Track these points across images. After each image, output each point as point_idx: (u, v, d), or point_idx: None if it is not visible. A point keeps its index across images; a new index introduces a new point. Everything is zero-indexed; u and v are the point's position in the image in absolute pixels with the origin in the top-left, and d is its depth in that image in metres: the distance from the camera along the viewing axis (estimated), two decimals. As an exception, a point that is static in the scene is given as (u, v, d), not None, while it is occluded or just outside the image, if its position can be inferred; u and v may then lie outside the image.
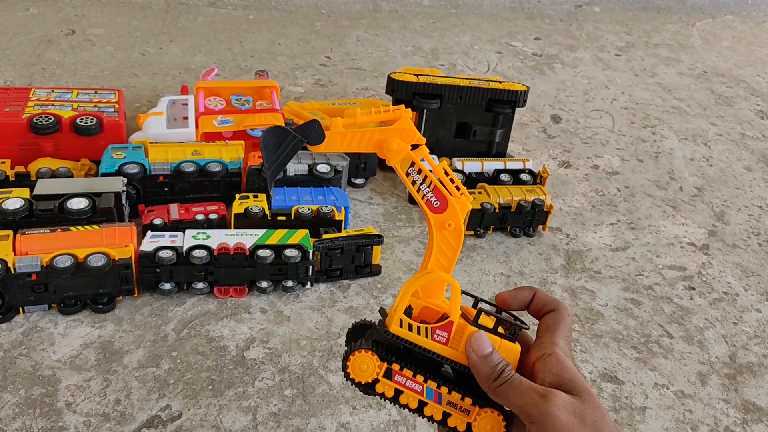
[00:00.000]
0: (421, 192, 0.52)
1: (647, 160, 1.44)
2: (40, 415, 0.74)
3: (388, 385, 0.53)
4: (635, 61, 1.97)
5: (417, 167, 0.52)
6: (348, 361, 0.53)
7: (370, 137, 0.52)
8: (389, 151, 0.51)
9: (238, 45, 1.74)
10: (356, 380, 0.54)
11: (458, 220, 0.52)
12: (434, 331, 0.52)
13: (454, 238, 0.52)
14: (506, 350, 0.52)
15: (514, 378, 0.50)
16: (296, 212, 1.00)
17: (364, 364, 0.53)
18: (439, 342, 0.52)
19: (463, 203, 0.52)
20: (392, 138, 0.51)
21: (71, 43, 1.65)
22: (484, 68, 1.79)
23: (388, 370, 0.53)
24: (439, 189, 0.52)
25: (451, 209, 0.52)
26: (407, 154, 0.52)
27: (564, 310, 0.55)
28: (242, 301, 0.93)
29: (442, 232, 0.52)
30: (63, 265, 0.83)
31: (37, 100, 1.14)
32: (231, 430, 0.75)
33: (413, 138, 0.52)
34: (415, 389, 0.53)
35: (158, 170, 1.03)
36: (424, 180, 0.52)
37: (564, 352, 0.52)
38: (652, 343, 0.94)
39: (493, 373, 0.51)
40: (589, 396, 0.48)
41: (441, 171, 0.52)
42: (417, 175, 0.52)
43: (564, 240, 1.14)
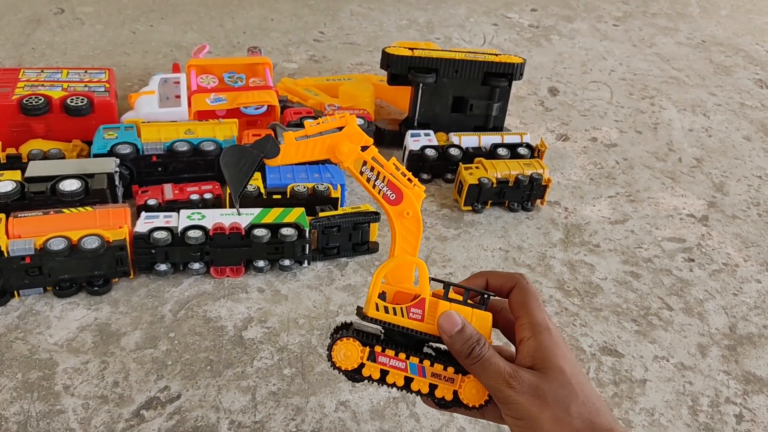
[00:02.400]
0: (377, 188, 0.55)
1: (646, 131, 1.43)
2: (38, 398, 0.74)
3: (373, 368, 0.57)
4: (633, 32, 1.95)
5: (369, 165, 0.55)
6: (332, 351, 0.57)
7: (322, 144, 0.55)
8: (341, 154, 0.54)
9: (230, 21, 1.72)
10: (342, 368, 0.57)
11: (415, 208, 0.55)
12: (409, 310, 0.56)
13: (414, 225, 0.56)
14: (479, 318, 0.56)
15: (484, 359, 0.53)
16: (292, 190, 0.99)
17: (348, 351, 0.56)
18: (415, 319, 0.56)
19: (417, 193, 0.56)
20: (342, 142, 0.54)
21: (60, 22, 1.62)
22: (480, 41, 1.77)
23: (371, 353, 0.57)
24: (392, 182, 0.55)
25: (406, 199, 0.55)
26: (358, 154, 0.55)
27: (523, 282, 0.57)
28: (239, 280, 0.92)
29: (402, 220, 0.56)
30: (57, 247, 0.82)
31: (27, 80, 1.12)
32: (230, 410, 0.75)
33: (361, 140, 0.55)
34: (399, 367, 0.57)
35: (151, 150, 1.02)
36: (377, 176, 0.55)
37: (540, 325, 0.54)
38: (652, 315, 0.94)
39: (464, 351, 0.53)
40: (558, 373, 0.50)
41: (392, 167, 0.56)
42: (370, 173, 0.55)
43: (562, 214, 1.13)
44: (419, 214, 0.55)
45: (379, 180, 0.55)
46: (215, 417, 0.74)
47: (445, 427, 0.75)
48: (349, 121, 0.55)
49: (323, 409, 0.76)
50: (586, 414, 0.49)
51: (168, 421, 0.73)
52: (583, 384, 0.51)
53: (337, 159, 0.55)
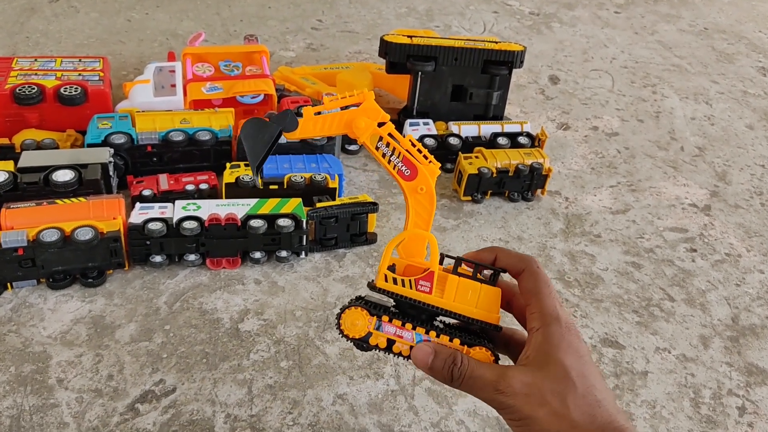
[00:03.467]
0: (392, 163, 0.56)
1: (647, 120, 1.41)
2: (31, 392, 0.73)
3: (380, 337, 0.58)
4: (635, 19, 1.93)
5: (385, 141, 0.56)
6: (340, 319, 0.58)
7: (340, 119, 0.56)
8: (358, 129, 0.55)
9: (226, 9, 1.70)
10: (350, 336, 0.58)
11: (429, 184, 0.56)
12: (417, 283, 0.56)
13: (428, 201, 0.56)
14: (487, 294, 0.57)
15: (466, 377, 0.53)
16: (289, 180, 0.98)
17: (356, 319, 0.58)
18: (423, 292, 0.57)
19: (431, 169, 0.57)
20: (360, 117, 0.55)
21: (55, 10, 1.60)
22: (480, 29, 1.75)
23: (378, 322, 0.57)
24: (408, 158, 0.56)
25: (421, 175, 0.56)
26: (375, 130, 0.56)
27: (534, 267, 0.56)
28: (235, 272, 0.91)
29: (416, 196, 0.56)
30: (50, 239, 0.81)
31: (20, 69, 1.11)
32: (226, 403, 0.74)
33: (378, 116, 0.56)
34: (406, 337, 0.57)
35: (146, 140, 1.00)
36: (393, 152, 0.56)
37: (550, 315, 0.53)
38: (654, 306, 0.93)
39: (446, 377, 0.54)
40: (556, 368, 0.50)
41: (408, 143, 0.57)
42: (386, 148, 0.56)
43: (563, 204, 1.12)
44: (433, 190, 0.56)
45: (394, 156, 0.56)
46: (211, 410, 0.73)
47: (443, 420, 0.74)
48: (367, 97, 0.56)
49: (320, 402, 0.75)
50: (586, 407, 0.48)
51: (163, 414, 0.72)
52: (586, 376, 0.50)
53: (354, 134, 0.56)
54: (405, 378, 0.78)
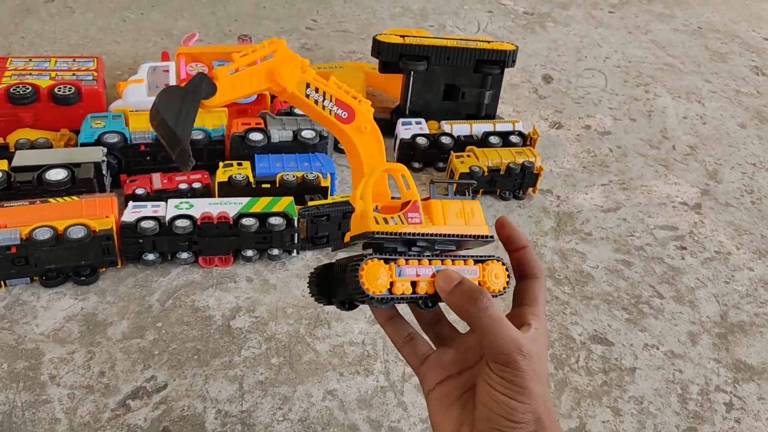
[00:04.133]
0: (327, 108, 0.53)
1: (640, 119, 1.42)
2: (24, 388, 0.73)
3: (403, 282, 0.51)
4: (629, 18, 1.94)
5: (314, 86, 0.53)
6: (361, 278, 0.49)
7: (259, 73, 0.52)
8: (282, 79, 0.51)
9: (221, 9, 1.70)
10: (377, 293, 0.50)
11: (371, 121, 0.54)
12: (406, 216, 0.52)
13: (374, 139, 0.54)
14: (471, 208, 0.54)
15: (494, 316, 0.49)
16: (281, 179, 0.98)
17: (377, 271, 0.50)
18: (415, 223, 0.52)
19: (366, 107, 0.55)
20: (281, 66, 0.51)
21: (50, 10, 1.61)
22: (474, 28, 1.76)
23: (398, 268, 0.51)
24: (341, 100, 0.53)
25: (359, 114, 0.54)
26: (300, 76, 0.52)
27: (545, 279, 0.56)
28: (227, 270, 0.92)
29: (361, 137, 0.54)
30: (42, 237, 0.82)
31: (14, 69, 1.12)
32: (217, 399, 0.74)
33: (298, 62, 0.52)
34: (426, 274, 0.51)
35: (139, 139, 1.01)
36: (324, 96, 0.53)
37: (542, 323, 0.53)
38: (643, 304, 0.94)
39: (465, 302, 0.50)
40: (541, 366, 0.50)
41: (332, 86, 0.54)
42: (317, 94, 0.53)
43: (554, 202, 1.12)
44: (376, 126, 0.54)
45: (327, 100, 0.53)
46: (202, 406, 0.73)
47: (432, 416, 0.75)
48: (280, 46, 0.52)
49: (311, 398, 0.75)
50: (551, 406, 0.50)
51: (154, 410, 0.72)
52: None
53: (279, 86, 0.52)
54: (394, 374, 0.79)
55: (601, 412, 0.78)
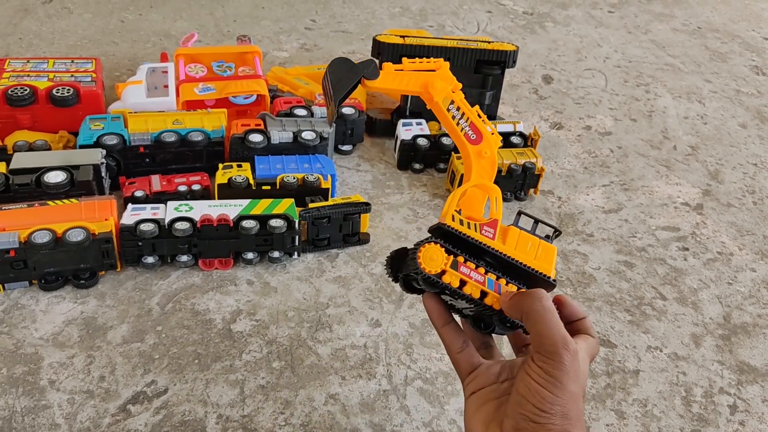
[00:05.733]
0: (460, 126, 0.61)
1: (640, 119, 1.41)
2: (23, 393, 0.73)
3: (454, 275, 0.56)
4: (628, 18, 1.93)
5: (456, 105, 0.61)
6: (419, 252, 0.56)
7: (417, 78, 0.61)
8: (434, 89, 0.60)
9: (220, 9, 1.70)
10: (426, 270, 0.56)
11: (492, 149, 0.61)
12: (482, 228, 0.57)
13: (489, 166, 0.61)
14: (544, 249, 0.58)
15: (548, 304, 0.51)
16: (281, 181, 0.98)
17: (435, 255, 0.56)
18: (487, 237, 0.57)
19: (495, 139, 0.61)
20: (436, 79, 0.61)
21: (48, 11, 1.60)
22: (473, 29, 1.75)
23: (454, 262, 0.56)
24: (475, 124, 0.61)
25: (485, 140, 0.61)
26: (449, 93, 0.61)
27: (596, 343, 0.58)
28: (228, 273, 0.91)
29: (479, 160, 0.61)
30: (41, 240, 0.81)
31: (12, 71, 1.11)
32: (218, 404, 0.74)
33: (453, 83, 0.61)
34: (478, 279, 0.57)
35: (138, 141, 1.00)
36: (462, 116, 0.61)
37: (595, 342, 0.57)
38: (646, 305, 0.93)
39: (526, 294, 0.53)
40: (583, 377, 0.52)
41: (475, 113, 0.61)
42: (456, 112, 0.61)
43: (556, 203, 1.12)
44: (495, 156, 0.61)
45: (463, 120, 0.61)
46: (203, 411, 0.73)
47: (435, 420, 0.74)
48: (443, 66, 0.62)
49: (312, 402, 0.75)
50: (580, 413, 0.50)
51: (155, 415, 0.72)
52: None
53: (428, 95, 0.60)
54: (397, 378, 0.78)
55: (605, 415, 0.77)
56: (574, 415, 0.48)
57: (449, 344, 0.60)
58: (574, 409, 0.48)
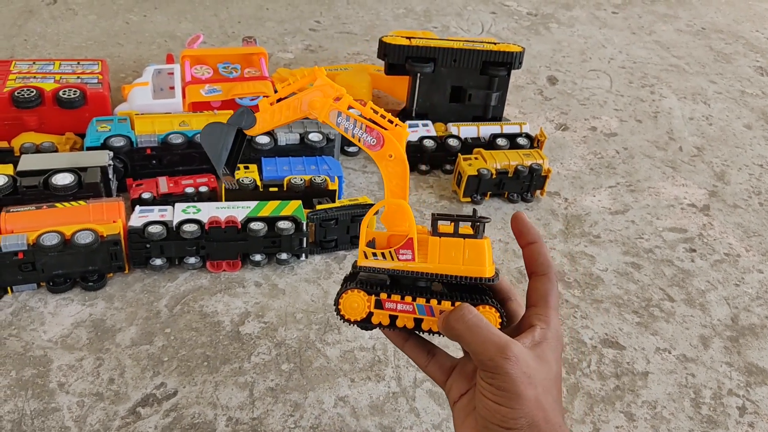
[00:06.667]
0: (356, 136, 0.54)
1: (646, 120, 1.41)
2: (32, 396, 0.73)
3: (382, 315, 0.56)
4: (632, 19, 1.93)
5: (345, 115, 0.54)
6: (339, 305, 0.56)
7: (296, 104, 0.55)
8: (314, 109, 0.54)
9: (224, 11, 1.70)
10: (352, 319, 0.56)
11: (397, 149, 0.54)
12: (398, 252, 0.54)
13: (399, 167, 0.55)
14: (472, 248, 0.54)
15: (470, 318, 0.50)
16: (288, 183, 0.98)
17: (354, 302, 0.56)
18: (406, 260, 0.54)
19: (398, 132, 0.55)
20: (314, 96, 0.54)
21: (53, 12, 1.60)
22: (478, 30, 1.75)
23: (377, 301, 0.56)
24: (371, 127, 0.54)
25: (387, 142, 0.54)
26: (331, 105, 0.54)
27: (553, 274, 0.56)
28: (236, 275, 0.91)
29: (386, 163, 0.55)
30: (50, 242, 0.81)
31: (18, 72, 1.11)
32: (227, 406, 0.73)
33: (334, 92, 0.55)
34: (407, 310, 0.55)
35: (145, 143, 1.00)
36: (354, 124, 0.54)
37: (554, 326, 0.53)
38: (653, 307, 0.93)
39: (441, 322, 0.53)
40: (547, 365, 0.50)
41: (369, 111, 0.55)
42: (347, 122, 0.54)
43: (562, 204, 1.12)
44: (402, 154, 0.54)
45: (356, 128, 0.54)
46: (212, 414, 0.73)
47: (445, 422, 0.74)
48: (318, 75, 0.55)
49: (322, 404, 0.75)
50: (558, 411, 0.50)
51: (165, 418, 0.72)
52: (560, 387, 0.52)
53: (312, 115, 0.55)
54: (406, 380, 0.78)
55: (614, 417, 0.77)
56: (541, 416, 0.47)
57: (415, 360, 0.59)
58: (538, 411, 0.47)
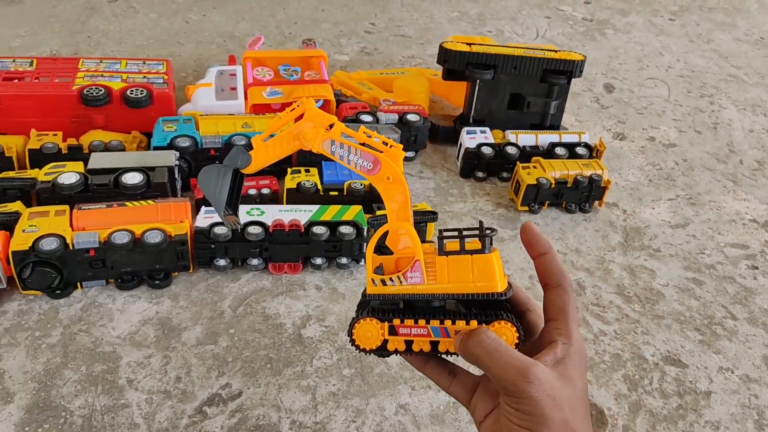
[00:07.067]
0: (352, 162, 0.54)
1: (705, 131, 1.39)
2: (103, 392, 0.74)
3: (397, 341, 0.55)
4: (690, 26, 1.90)
5: (338, 143, 0.54)
6: (353, 335, 0.56)
7: (288, 137, 0.55)
8: (307, 141, 0.54)
9: (281, 11, 1.71)
10: (367, 348, 0.56)
11: (394, 171, 0.53)
12: (406, 276, 0.53)
13: (398, 188, 0.54)
14: (480, 264, 0.52)
15: (488, 344, 0.50)
16: (348, 187, 0.98)
17: (368, 331, 0.55)
18: (415, 283, 0.53)
19: (393, 154, 0.54)
20: (305, 128, 0.54)
21: (114, 10, 1.64)
22: (532, 34, 1.74)
23: (390, 327, 0.55)
24: (366, 152, 0.53)
25: (384, 164, 0.53)
26: (323, 135, 0.54)
27: (569, 285, 0.55)
28: (296, 277, 0.92)
29: (385, 186, 0.54)
30: (121, 241, 0.83)
31: (86, 71, 1.13)
32: (291, 409, 0.74)
33: (325, 121, 0.54)
34: (422, 333, 0.55)
35: (209, 143, 1.02)
36: (349, 151, 0.54)
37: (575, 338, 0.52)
38: (716, 324, 0.92)
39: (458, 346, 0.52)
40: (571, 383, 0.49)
41: (362, 135, 0.54)
42: (341, 150, 0.54)
43: (621, 216, 1.11)
44: (400, 175, 0.53)
45: (351, 154, 0.54)
46: (276, 416, 0.74)
47: (506, 435, 0.74)
48: (307, 106, 0.55)
49: (383, 411, 0.75)
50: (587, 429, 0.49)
51: (230, 418, 0.73)
52: (587, 404, 0.51)
53: (306, 146, 0.54)
54: (467, 390, 0.78)
55: (677, 437, 0.76)
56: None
57: (437, 382, 0.59)
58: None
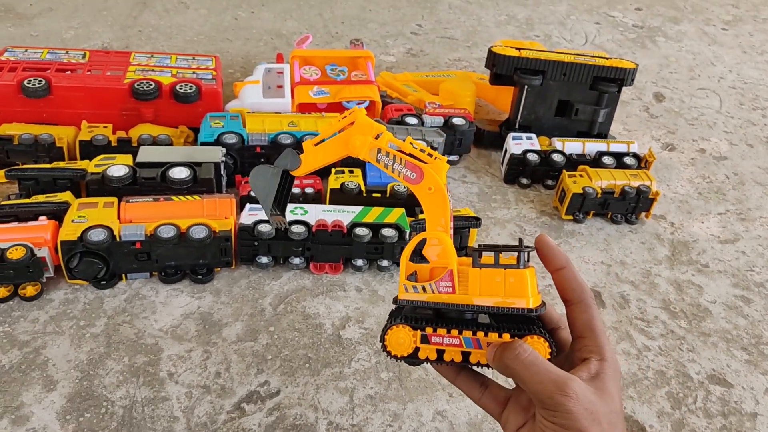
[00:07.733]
0: (397, 171, 0.55)
1: (757, 145, 1.35)
2: (144, 384, 0.75)
3: (428, 349, 0.55)
4: (743, 37, 1.85)
5: (384, 152, 0.55)
6: (385, 341, 0.56)
7: (337, 143, 0.57)
8: (355, 148, 0.55)
9: (328, 10, 1.72)
10: (399, 355, 0.56)
11: (437, 182, 0.54)
12: (438, 285, 0.54)
13: (439, 199, 0.55)
14: (515, 279, 0.53)
15: (525, 357, 0.50)
16: (392, 189, 0.98)
17: (400, 338, 0.55)
18: (446, 293, 0.54)
19: (437, 166, 0.55)
20: (354, 135, 0.55)
21: (165, 5, 1.66)
22: (581, 40, 1.72)
23: (423, 336, 0.55)
24: (410, 162, 0.55)
25: (427, 175, 0.54)
26: (371, 143, 0.55)
27: (591, 299, 0.54)
28: (337, 278, 0.92)
29: (427, 196, 0.55)
30: (166, 235, 0.84)
31: (138, 65, 1.15)
32: (328, 410, 0.74)
33: (373, 130, 0.56)
34: (454, 343, 0.55)
35: (256, 141, 1.02)
36: (394, 160, 0.55)
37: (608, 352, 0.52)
38: (764, 345, 0.89)
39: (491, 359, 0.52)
40: (609, 398, 0.49)
41: (408, 146, 0.56)
42: (387, 159, 0.55)
43: (668, 229, 1.08)
44: (442, 187, 0.55)
45: (396, 163, 0.55)
46: (314, 416, 0.74)
47: (545, 448, 0.73)
48: (358, 115, 0.56)
49: (420, 417, 0.75)
50: None
51: (268, 416, 0.73)
52: (623, 419, 0.51)
53: (354, 154, 0.56)
54: (506, 400, 0.77)
55: (722, 459, 0.74)
56: None
57: (468, 394, 0.59)
58: None
